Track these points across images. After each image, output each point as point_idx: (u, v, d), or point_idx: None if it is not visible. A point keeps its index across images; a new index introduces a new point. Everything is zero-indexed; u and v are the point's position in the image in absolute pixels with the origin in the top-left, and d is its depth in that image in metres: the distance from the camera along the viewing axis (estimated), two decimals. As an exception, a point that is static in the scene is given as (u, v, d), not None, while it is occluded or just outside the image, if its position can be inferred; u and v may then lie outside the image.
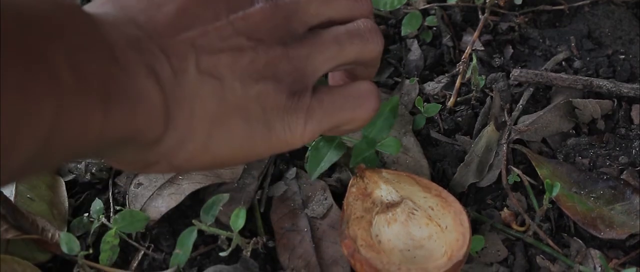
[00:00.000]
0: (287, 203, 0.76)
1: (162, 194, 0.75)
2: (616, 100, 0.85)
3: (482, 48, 0.92)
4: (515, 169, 0.77)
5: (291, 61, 0.51)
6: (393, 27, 0.98)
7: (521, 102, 0.85)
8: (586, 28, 0.93)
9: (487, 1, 0.93)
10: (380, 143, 0.75)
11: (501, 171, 0.77)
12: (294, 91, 0.51)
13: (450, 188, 0.78)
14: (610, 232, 0.71)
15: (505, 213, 0.75)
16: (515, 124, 0.82)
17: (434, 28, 0.96)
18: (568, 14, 0.95)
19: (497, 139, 0.81)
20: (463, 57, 0.86)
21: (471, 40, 0.89)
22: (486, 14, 0.92)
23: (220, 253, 0.69)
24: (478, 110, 0.85)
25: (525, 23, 0.94)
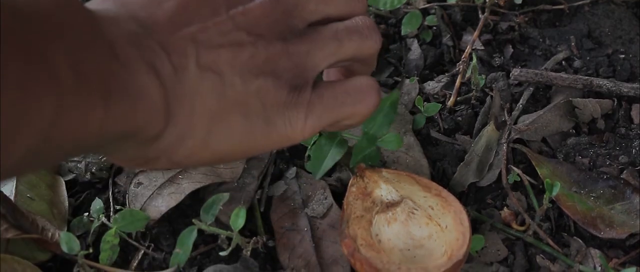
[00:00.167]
0: (287, 202, 0.76)
1: (162, 194, 0.75)
2: (616, 99, 0.85)
3: (482, 47, 0.92)
4: (515, 169, 0.77)
5: (291, 57, 0.51)
6: (393, 26, 0.98)
7: (521, 101, 0.85)
8: (586, 27, 0.93)
9: (487, 1, 0.93)
10: (381, 139, 0.75)
11: (501, 171, 0.77)
12: (294, 86, 0.51)
13: (450, 187, 0.78)
14: (610, 231, 0.71)
15: (505, 212, 0.75)
16: (515, 124, 0.82)
17: (434, 27, 0.96)
18: (568, 14, 0.95)
19: (497, 139, 0.81)
20: (463, 56, 0.86)
21: (471, 39, 0.89)
22: (486, 14, 0.92)
23: (220, 252, 0.69)
24: (478, 109, 0.85)
25: (525, 22, 0.94)
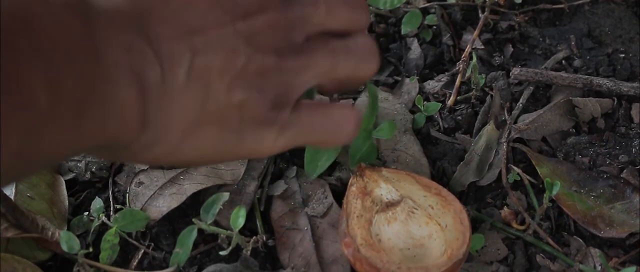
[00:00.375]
0: (287, 202, 0.76)
1: (164, 194, 0.75)
2: (616, 99, 0.85)
3: (482, 47, 0.92)
4: (515, 168, 0.77)
5: (282, 74, 0.50)
6: (393, 25, 0.97)
7: (521, 100, 0.85)
8: (586, 27, 0.93)
9: (487, 0, 0.93)
10: (374, 130, 0.73)
11: (501, 170, 0.77)
12: (276, 105, 0.50)
13: (450, 187, 0.78)
14: (610, 231, 0.71)
15: (505, 212, 0.75)
16: (515, 123, 0.82)
17: (434, 27, 0.96)
18: (568, 13, 0.95)
19: (497, 138, 0.81)
20: (463, 55, 0.86)
21: (471, 38, 0.89)
22: (486, 13, 0.92)
23: (220, 252, 0.69)
24: (478, 109, 0.85)
25: (525, 22, 0.94)
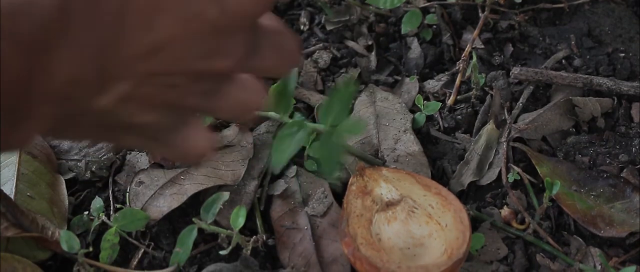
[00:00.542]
0: (288, 201, 0.76)
1: (164, 194, 0.75)
2: (616, 98, 0.85)
3: (482, 46, 0.92)
4: (515, 167, 0.77)
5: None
6: (393, 25, 0.97)
7: (521, 100, 0.85)
8: (586, 26, 0.93)
9: (487, -1, 0.93)
10: (340, 127, 0.67)
11: (501, 169, 0.77)
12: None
13: (450, 186, 0.78)
14: (610, 230, 0.71)
15: (505, 211, 0.75)
16: (515, 122, 0.82)
17: (434, 26, 0.96)
18: (568, 12, 0.95)
19: (497, 137, 0.81)
20: (463, 55, 0.86)
21: (471, 38, 0.89)
22: (486, 12, 0.92)
23: (220, 251, 0.69)
24: (478, 108, 0.85)
25: (525, 21, 0.94)
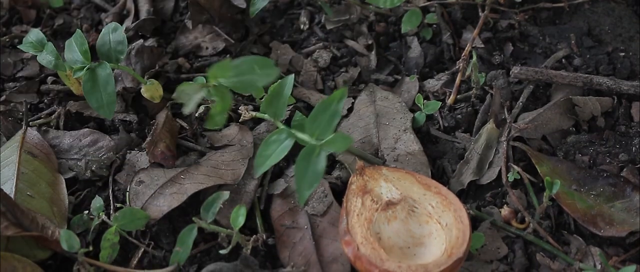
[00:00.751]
0: (288, 200, 0.76)
1: (164, 193, 0.75)
2: (616, 97, 0.85)
3: (482, 45, 0.92)
4: (515, 167, 0.77)
5: None
6: (393, 24, 0.97)
7: (521, 99, 0.85)
8: (586, 25, 0.93)
9: (487, -2, 0.93)
10: (325, 141, 0.66)
11: (501, 169, 0.77)
12: None
13: (450, 185, 0.78)
14: (610, 229, 0.71)
15: (505, 210, 0.75)
16: (515, 122, 0.82)
17: (434, 25, 0.96)
18: (568, 12, 0.95)
19: (497, 137, 0.81)
20: (463, 54, 0.86)
21: (471, 37, 0.89)
22: (486, 12, 0.92)
23: (220, 251, 0.69)
24: (478, 107, 0.85)
25: (525, 20, 0.94)
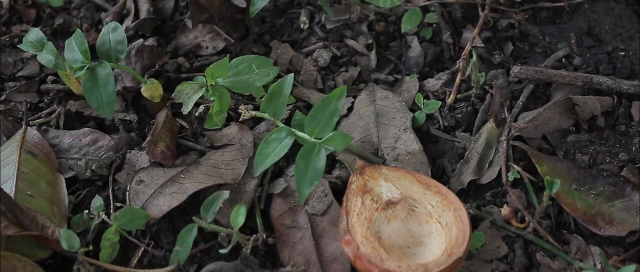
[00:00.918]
0: (288, 200, 0.76)
1: (164, 193, 0.75)
2: (616, 97, 0.85)
3: (482, 45, 0.92)
4: (515, 166, 0.77)
5: None
6: (393, 23, 0.97)
7: (521, 99, 0.85)
8: (586, 25, 0.93)
9: (487, -2, 0.93)
10: (325, 139, 0.70)
11: (501, 168, 0.77)
12: None
13: (450, 185, 0.78)
14: (610, 229, 0.71)
15: (505, 210, 0.75)
16: (515, 121, 0.82)
17: (434, 25, 0.96)
18: (568, 11, 0.95)
19: (497, 136, 0.81)
20: (463, 54, 0.86)
21: (471, 37, 0.89)
22: (486, 11, 0.92)
23: (220, 250, 0.69)
24: (478, 107, 0.85)
25: (525, 20, 0.94)
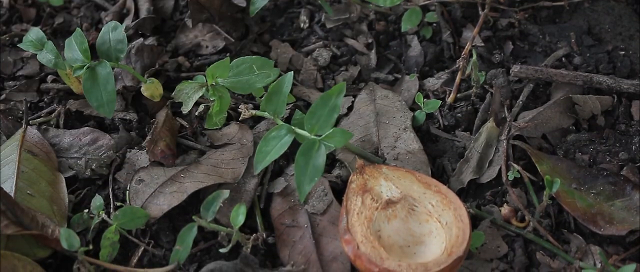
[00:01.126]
0: (288, 199, 0.76)
1: (164, 192, 0.75)
2: (616, 96, 0.85)
3: (482, 44, 0.92)
4: (515, 165, 0.77)
5: None
6: (393, 23, 0.97)
7: (521, 98, 0.85)
8: (586, 24, 0.93)
9: (487, -3, 0.93)
10: (324, 136, 0.70)
11: (501, 167, 0.77)
12: None
13: (450, 184, 0.78)
14: (610, 228, 0.71)
15: (505, 209, 0.75)
16: (515, 120, 0.82)
17: (434, 24, 0.96)
18: (568, 10, 0.95)
19: (497, 135, 0.81)
20: (463, 53, 0.86)
21: (471, 36, 0.89)
22: (486, 10, 0.92)
23: (220, 249, 0.69)
24: (478, 106, 0.85)
25: (525, 19, 0.94)
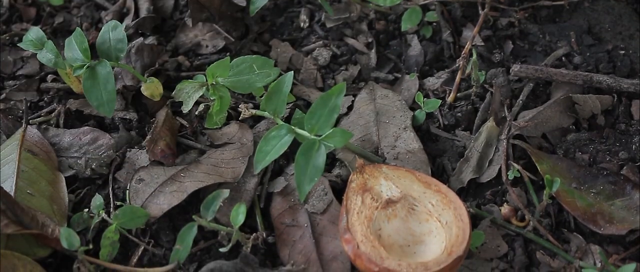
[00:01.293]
0: (288, 198, 0.76)
1: (164, 191, 0.75)
2: (616, 95, 0.85)
3: (482, 43, 0.91)
4: (515, 165, 0.77)
5: None
6: (393, 22, 0.97)
7: (521, 97, 0.85)
8: (586, 23, 0.93)
9: (487, -4, 0.93)
10: (324, 136, 0.70)
11: (501, 167, 0.77)
12: None
13: (450, 184, 0.78)
14: (610, 227, 0.71)
15: (505, 209, 0.75)
16: (515, 120, 0.82)
17: (434, 23, 0.96)
18: (568, 10, 0.95)
19: (497, 135, 0.81)
20: (463, 52, 0.86)
21: (471, 35, 0.89)
22: (486, 10, 0.92)
23: (220, 249, 0.69)
24: (478, 105, 0.85)
25: (525, 18, 0.94)
